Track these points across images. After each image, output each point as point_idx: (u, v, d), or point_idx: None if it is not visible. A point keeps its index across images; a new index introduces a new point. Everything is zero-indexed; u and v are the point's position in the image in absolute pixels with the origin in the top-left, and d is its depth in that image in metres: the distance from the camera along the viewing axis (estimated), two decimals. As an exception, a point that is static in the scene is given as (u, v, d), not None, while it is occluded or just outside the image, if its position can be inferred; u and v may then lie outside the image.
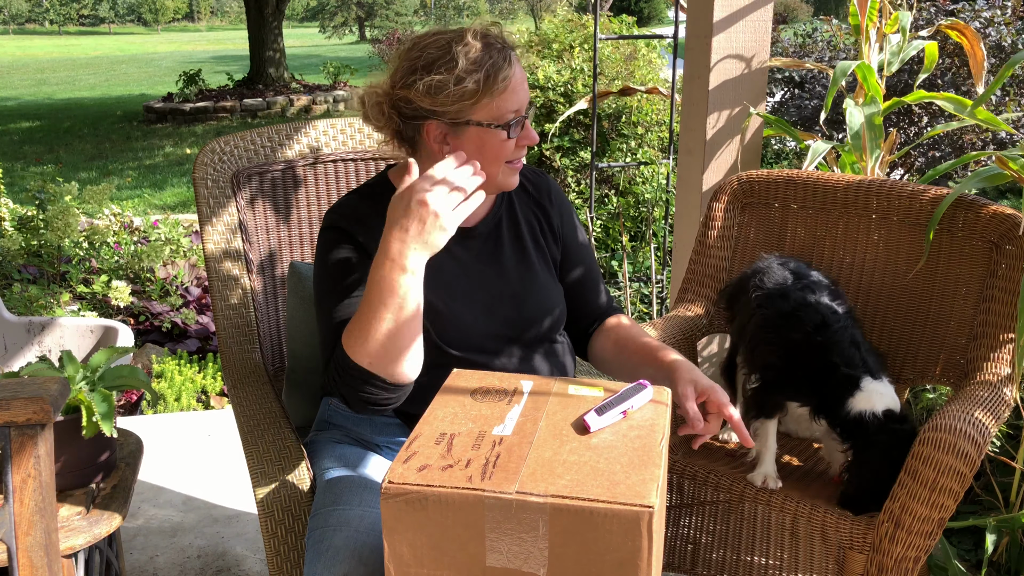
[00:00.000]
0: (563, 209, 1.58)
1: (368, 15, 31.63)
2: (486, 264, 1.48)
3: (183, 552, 2.25)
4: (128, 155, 9.80)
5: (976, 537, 2.13)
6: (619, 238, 4.42)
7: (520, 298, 1.48)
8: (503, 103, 1.33)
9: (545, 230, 1.55)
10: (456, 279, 1.45)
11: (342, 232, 1.39)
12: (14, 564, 1.18)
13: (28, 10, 47.28)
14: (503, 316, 1.47)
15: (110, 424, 1.48)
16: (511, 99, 1.33)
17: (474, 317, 1.45)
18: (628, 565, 0.97)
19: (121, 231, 4.54)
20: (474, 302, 1.45)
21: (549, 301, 1.51)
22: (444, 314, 1.42)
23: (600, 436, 1.10)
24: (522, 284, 1.49)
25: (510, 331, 1.47)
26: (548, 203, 1.56)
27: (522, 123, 1.38)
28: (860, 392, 1.53)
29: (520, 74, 1.36)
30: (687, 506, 1.70)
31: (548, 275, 1.54)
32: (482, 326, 1.45)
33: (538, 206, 1.55)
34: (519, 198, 1.54)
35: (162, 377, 3.35)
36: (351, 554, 1.27)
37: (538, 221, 1.54)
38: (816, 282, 1.68)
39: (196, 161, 1.80)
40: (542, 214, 1.55)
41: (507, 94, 1.33)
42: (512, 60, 1.34)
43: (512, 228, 1.52)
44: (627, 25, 5.16)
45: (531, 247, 1.52)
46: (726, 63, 2.57)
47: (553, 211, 1.56)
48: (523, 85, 1.37)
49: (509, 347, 1.48)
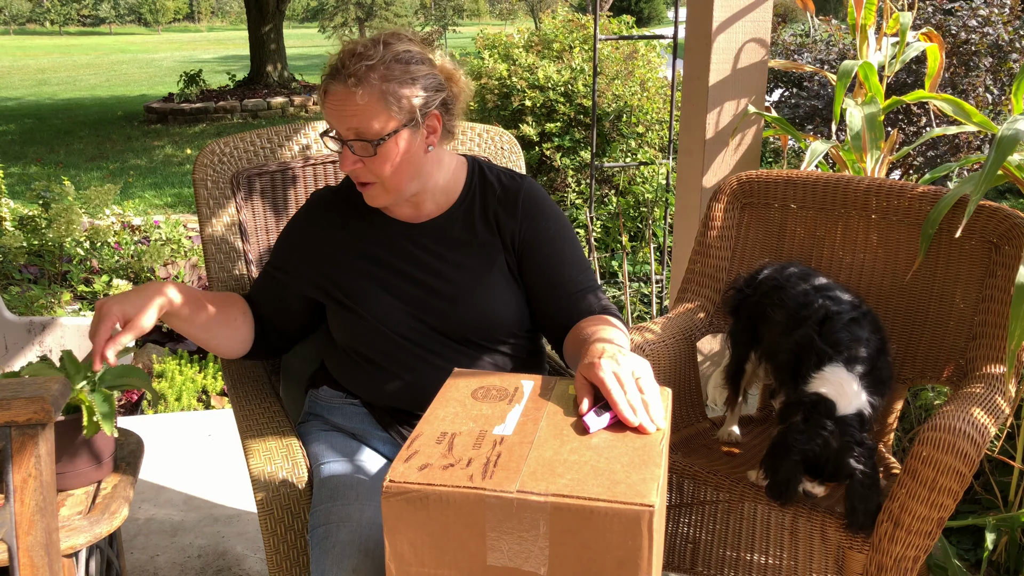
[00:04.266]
0: (533, 218, 1.53)
1: (368, 15, 31.62)
2: (429, 258, 1.51)
3: (184, 551, 2.26)
4: (128, 155, 9.80)
5: (976, 536, 2.13)
6: (619, 238, 4.43)
7: (454, 298, 1.49)
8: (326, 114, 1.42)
9: (506, 237, 1.52)
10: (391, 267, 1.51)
11: (304, 210, 1.59)
12: (15, 563, 1.18)
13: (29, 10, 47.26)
14: (434, 312, 1.50)
15: (111, 424, 1.48)
16: (327, 113, 1.41)
17: (402, 308, 1.49)
18: (628, 564, 0.97)
19: (122, 231, 4.54)
20: (406, 293, 1.50)
21: (489, 306, 1.50)
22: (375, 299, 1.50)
23: (600, 435, 1.10)
24: (460, 284, 1.50)
25: (440, 328, 1.50)
26: (512, 210, 1.52)
27: (340, 145, 1.41)
28: (820, 372, 1.51)
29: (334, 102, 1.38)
30: (687, 505, 1.70)
31: (497, 280, 1.51)
32: (409, 319, 1.49)
33: (503, 210, 1.53)
34: (485, 200, 1.54)
35: (163, 377, 3.35)
36: (357, 548, 1.28)
37: (497, 226, 1.52)
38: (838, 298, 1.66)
39: (196, 162, 1.80)
40: (502, 221, 1.52)
41: (325, 109, 1.41)
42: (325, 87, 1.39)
43: (465, 229, 1.52)
44: (627, 25, 5.16)
45: (481, 250, 1.52)
46: (726, 63, 2.58)
47: (515, 221, 1.52)
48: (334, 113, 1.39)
49: (440, 345, 1.50)
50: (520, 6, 31.02)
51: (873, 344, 1.57)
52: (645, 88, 4.68)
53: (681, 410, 1.90)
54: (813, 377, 1.51)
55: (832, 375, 1.50)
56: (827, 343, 1.54)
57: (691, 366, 1.92)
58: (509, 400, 1.18)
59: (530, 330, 1.57)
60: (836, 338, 1.54)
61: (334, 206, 1.57)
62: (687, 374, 1.91)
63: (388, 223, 1.54)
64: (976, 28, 3.72)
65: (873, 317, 1.64)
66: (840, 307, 1.61)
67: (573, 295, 1.51)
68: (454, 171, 1.55)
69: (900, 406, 1.91)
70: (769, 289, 1.73)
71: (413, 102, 1.39)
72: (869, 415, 1.50)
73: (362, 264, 1.52)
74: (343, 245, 1.54)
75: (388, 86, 1.36)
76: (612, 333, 1.36)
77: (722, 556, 1.68)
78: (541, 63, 4.71)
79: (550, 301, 1.52)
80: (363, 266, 1.52)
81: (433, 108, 1.43)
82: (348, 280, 1.52)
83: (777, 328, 1.67)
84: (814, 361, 1.53)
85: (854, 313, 1.60)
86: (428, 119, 1.43)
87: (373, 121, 1.37)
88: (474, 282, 1.50)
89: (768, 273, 1.78)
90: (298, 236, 1.59)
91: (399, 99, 1.37)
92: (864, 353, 1.54)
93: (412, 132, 1.41)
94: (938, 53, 2.43)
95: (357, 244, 1.53)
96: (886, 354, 1.60)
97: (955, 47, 3.73)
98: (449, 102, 1.46)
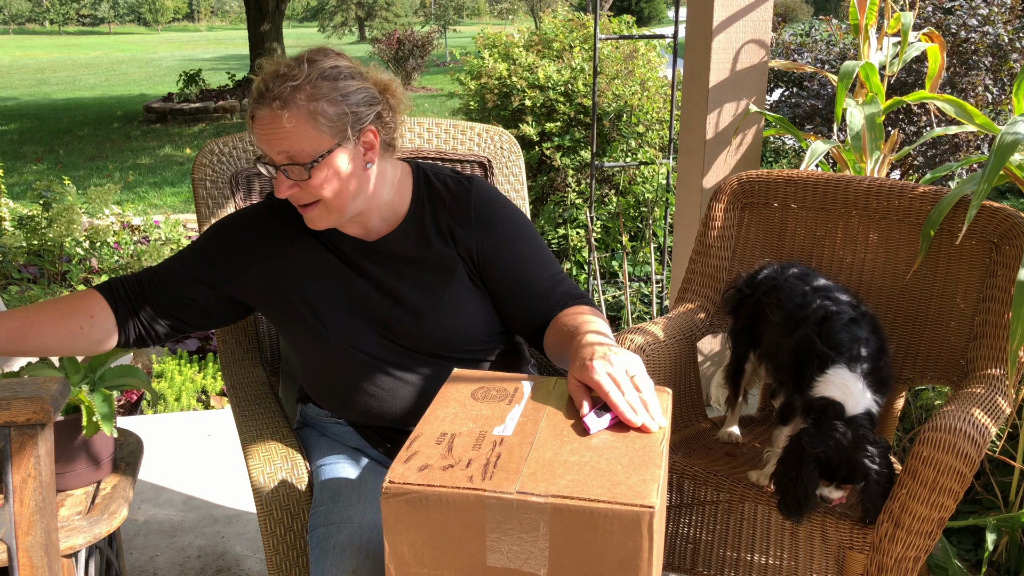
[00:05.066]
0: (487, 225, 1.48)
1: (368, 15, 31.62)
2: (386, 276, 1.47)
3: (183, 552, 2.25)
4: (128, 155, 9.80)
5: (976, 536, 2.13)
6: (619, 238, 4.43)
7: (416, 315, 1.46)
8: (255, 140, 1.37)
9: (461, 249, 1.48)
10: (352, 285, 1.47)
11: (264, 212, 1.53)
12: (14, 564, 1.17)
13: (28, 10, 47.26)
14: (399, 330, 1.46)
15: (110, 424, 1.48)
16: (256, 139, 1.36)
17: (367, 326, 1.46)
18: (628, 565, 0.97)
19: (121, 231, 4.54)
20: (370, 311, 1.46)
21: (454, 321, 1.47)
22: (339, 316, 1.45)
23: (600, 436, 1.10)
24: (420, 303, 1.46)
25: (409, 345, 1.46)
26: (465, 220, 1.48)
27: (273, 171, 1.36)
28: (824, 375, 1.50)
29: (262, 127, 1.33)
30: (687, 506, 1.70)
31: (458, 293, 1.48)
32: (376, 337, 1.46)
33: (455, 221, 1.48)
34: (435, 210, 1.49)
35: (162, 377, 3.35)
36: (358, 550, 1.28)
37: (452, 237, 1.48)
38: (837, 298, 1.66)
39: (195, 162, 1.80)
40: (456, 232, 1.48)
41: (254, 135, 1.37)
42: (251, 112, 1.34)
43: (419, 245, 1.48)
44: (627, 25, 5.15)
45: (438, 264, 1.48)
46: (726, 63, 2.57)
47: (470, 233, 1.48)
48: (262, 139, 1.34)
49: (410, 360, 1.47)
50: (520, 6, 31.01)
51: (873, 344, 1.56)
52: (645, 88, 4.68)
53: (681, 410, 1.90)
54: (817, 381, 1.51)
55: (836, 377, 1.50)
56: (827, 345, 1.53)
57: (691, 366, 1.92)
58: (509, 400, 1.18)
59: (501, 332, 1.53)
60: (836, 339, 1.54)
61: (294, 216, 1.47)
62: (687, 374, 1.91)
63: (343, 239, 1.48)
64: (976, 27, 3.72)
65: (872, 317, 1.64)
66: (839, 307, 1.60)
67: (542, 293, 1.47)
68: (399, 184, 1.49)
69: (900, 406, 1.91)
70: (769, 289, 1.73)
71: (344, 120, 1.34)
72: (876, 413, 1.50)
73: (323, 280, 1.47)
74: (303, 258, 1.49)
75: (316, 105, 1.31)
76: (595, 325, 1.33)
77: (722, 556, 1.67)
78: (541, 63, 4.71)
79: (520, 307, 1.48)
80: (324, 282, 1.47)
81: (368, 123, 1.37)
82: (312, 295, 1.47)
83: (776, 328, 1.67)
84: (816, 364, 1.52)
85: (853, 313, 1.60)
86: (363, 135, 1.37)
87: (304, 143, 1.32)
88: (435, 299, 1.46)
89: (768, 273, 1.78)
90: (255, 239, 1.50)
91: (329, 118, 1.32)
92: (865, 352, 1.54)
93: (347, 150, 1.36)
94: (938, 54, 2.43)
95: (315, 259, 1.48)
96: (886, 353, 1.60)
97: (955, 46, 3.72)
98: (385, 114, 1.41)
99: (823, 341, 1.54)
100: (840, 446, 1.43)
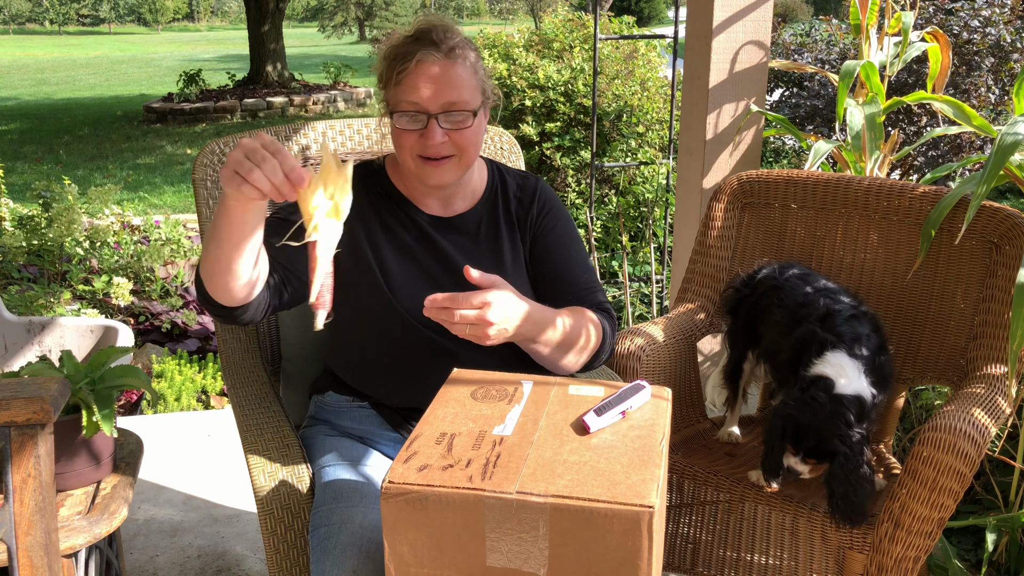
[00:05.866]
0: (548, 211, 1.58)
1: (367, 15, 31.62)
2: (456, 253, 1.52)
3: (183, 552, 2.25)
4: (128, 155, 9.80)
5: (976, 536, 2.13)
6: (619, 238, 4.43)
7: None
8: (399, 93, 1.40)
9: (525, 230, 1.56)
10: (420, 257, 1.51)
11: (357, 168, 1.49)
12: (14, 564, 1.18)
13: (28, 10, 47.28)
14: None
15: (110, 424, 1.48)
16: (407, 91, 1.39)
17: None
18: (628, 565, 0.97)
19: (121, 231, 4.54)
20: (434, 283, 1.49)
21: None
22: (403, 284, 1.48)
23: (600, 436, 1.10)
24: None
25: None
26: (530, 203, 1.57)
27: (423, 121, 1.39)
28: (822, 357, 1.51)
29: (430, 73, 1.37)
30: (687, 506, 1.70)
31: (519, 277, 1.54)
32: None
33: (521, 206, 1.57)
34: (507, 201, 1.57)
35: (162, 377, 3.35)
36: (358, 551, 1.28)
37: (518, 221, 1.57)
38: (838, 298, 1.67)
39: (196, 162, 1.80)
40: (521, 215, 1.57)
41: (402, 87, 1.39)
42: (420, 57, 1.38)
43: (490, 226, 1.55)
44: (627, 25, 5.15)
45: (507, 248, 1.55)
46: (726, 63, 2.57)
47: (532, 212, 1.57)
48: (428, 85, 1.38)
49: (462, 340, 1.47)
50: (520, 5, 31.01)
51: (873, 341, 1.57)
52: (645, 88, 4.68)
53: (681, 410, 1.90)
54: (815, 362, 1.52)
55: (834, 359, 1.51)
56: (830, 334, 1.55)
57: (691, 366, 1.92)
58: (509, 400, 1.18)
59: None
60: (838, 331, 1.55)
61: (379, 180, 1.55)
62: (687, 374, 1.91)
63: (418, 213, 1.54)
64: (978, 28, 3.72)
65: (872, 317, 1.64)
66: (841, 306, 1.61)
67: (580, 292, 1.53)
68: (479, 167, 1.57)
69: (900, 406, 1.91)
70: (768, 289, 1.73)
71: (485, 84, 1.44)
72: (869, 403, 1.49)
73: (398, 250, 1.51)
74: (381, 221, 1.53)
75: (477, 63, 1.42)
76: (577, 318, 1.40)
77: (722, 556, 1.67)
78: (541, 63, 4.71)
79: (560, 296, 1.53)
80: (399, 252, 1.51)
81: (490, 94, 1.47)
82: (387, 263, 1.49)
83: (777, 327, 1.67)
84: (815, 349, 1.53)
85: (854, 311, 1.60)
86: (488, 102, 1.46)
87: (468, 94, 1.40)
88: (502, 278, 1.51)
89: (767, 273, 1.78)
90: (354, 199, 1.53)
91: (479, 78, 1.42)
92: (866, 346, 1.55)
93: (484, 111, 1.45)
94: (940, 54, 2.42)
95: (391, 226, 1.53)
96: (886, 352, 1.60)
97: (957, 47, 3.72)
98: None
99: (825, 331, 1.56)
100: (813, 414, 1.43)
